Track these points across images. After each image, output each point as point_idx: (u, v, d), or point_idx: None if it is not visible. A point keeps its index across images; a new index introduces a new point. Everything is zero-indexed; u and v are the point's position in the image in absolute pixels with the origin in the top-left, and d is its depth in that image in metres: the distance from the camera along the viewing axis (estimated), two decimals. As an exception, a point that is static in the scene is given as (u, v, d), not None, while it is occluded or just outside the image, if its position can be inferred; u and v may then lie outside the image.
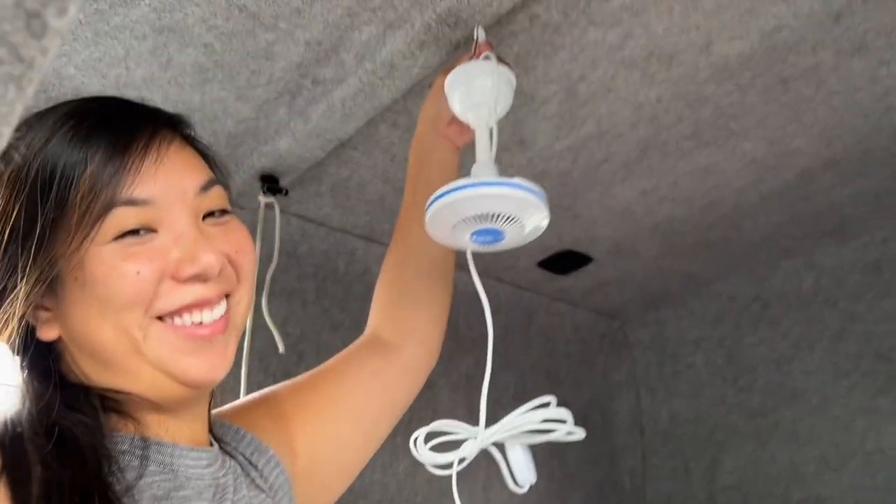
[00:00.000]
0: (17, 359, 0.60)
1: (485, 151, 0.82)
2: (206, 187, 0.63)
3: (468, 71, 0.85)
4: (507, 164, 1.34)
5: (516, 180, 0.72)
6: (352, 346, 0.92)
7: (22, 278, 0.57)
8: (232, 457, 0.70)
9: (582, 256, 1.72)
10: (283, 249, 1.50)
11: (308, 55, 1.04)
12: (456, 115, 0.89)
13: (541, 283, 1.85)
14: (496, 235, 0.77)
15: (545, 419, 0.85)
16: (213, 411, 0.76)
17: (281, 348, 1.26)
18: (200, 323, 0.62)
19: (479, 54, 0.87)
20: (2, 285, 0.58)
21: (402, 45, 0.98)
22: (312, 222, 1.51)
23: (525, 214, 0.74)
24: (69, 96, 0.67)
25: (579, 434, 0.84)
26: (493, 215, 0.73)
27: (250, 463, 0.73)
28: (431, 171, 0.96)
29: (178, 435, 0.64)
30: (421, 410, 1.77)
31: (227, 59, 1.04)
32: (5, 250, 0.58)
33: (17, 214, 0.58)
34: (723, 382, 1.86)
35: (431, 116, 0.97)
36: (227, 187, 0.68)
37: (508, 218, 0.74)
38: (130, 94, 1.10)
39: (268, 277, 1.28)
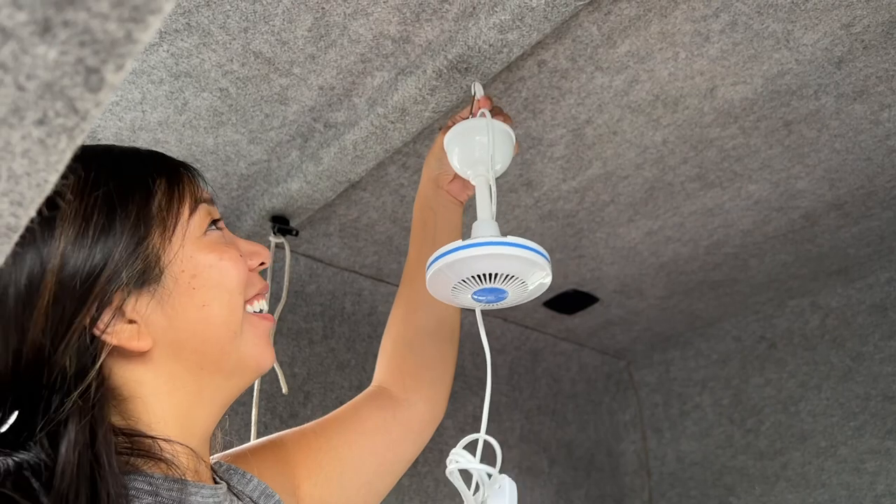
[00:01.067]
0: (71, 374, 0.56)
1: (485, 208, 0.82)
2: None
3: (466, 129, 0.86)
4: (514, 205, 1.36)
5: (514, 239, 0.72)
6: (359, 397, 0.93)
7: (114, 275, 0.58)
8: (238, 499, 0.70)
9: (588, 296, 1.72)
10: (291, 289, 1.51)
11: (321, 99, 1.06)
12: (454, 170, 0.91)
13: (547, 322, 1.86)
14: (498, 294, 0.76)
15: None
16: (218, 455, 0.76)
17: (284, 389, 1.26)
18: (263, 311, 0.70)
19: (477, 111, 0.89)
20: (75, 293, 0.57)
21: (413, 91, 1.00)
22: (321, 262, 1.53)
23: (526, 273, 0.73)
24: (86, 139, 0.69)
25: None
26: (493, 275, 0.73)
27: None
28: (435, 229, 0.97)
29: (189, 473, 0.64)
30: (427, 452, 1.76)
31: (241, 103, 1.06)
32: (102, 266, 0.58)
33: (100, 212, 0.59)
34: (730, 424, 1.85)
35: (433, 174, 0.99)
36: None
37: (509, 277, 0.73)
38: (145, 136, 1.12)
39: (275, 317, 1.29)
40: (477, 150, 0.86)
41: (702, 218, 1.42)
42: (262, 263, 0.71)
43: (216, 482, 0.68)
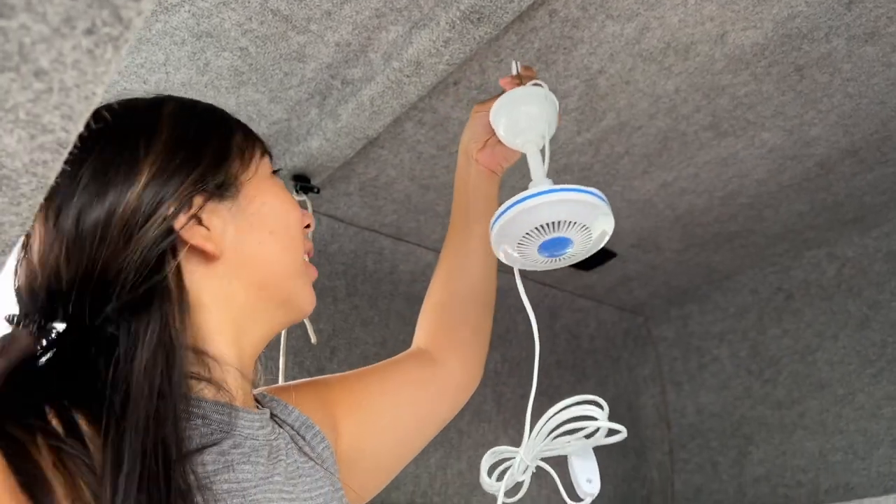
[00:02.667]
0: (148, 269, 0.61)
1: (538, 170, 0.83)
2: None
3: (512, 98, 0.88)
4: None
5: (580, 186, 0.73)
6: (400, 355, 0.97)
7: (195, 182, 0.65)
8: (280, 427, 0.74)
9: (605, 252, 1.74)
10: (314, 248, 1.54)
11: (338, 56, 1.08)
12: (501, 140, 0.92)
13: (565, 279, 1.88)
14: (564, 244, 0.76)
15: (572, 417, 0.82)
16: (262, 388, 0.81)
17: (314, 339, 1.30)
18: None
19: (526, 82, 0.90)
20: (162, 192, 0.63)
21: (427, 44, 1.02)
22: (342, 222, 1.56)
23: (592, 220, 0.74)
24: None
25: (621, 433, 0.82)
26: (561, 223, 0.73)
27: (298, 434, 0.76)
28: (468, 198, 1.01)
29: (236, 397, 0.67)
30: (450, 406, 1.81)
31: (260, 62, 1.09)
32: (179, 157, 0.65)
33: (194, 130, 0.67)
34: (748, 375, 1.87)
35: (465, 145, 1.02)
36: None
37: (576, 225, 0.73)
38: (170, 98, 1.16)
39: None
40: (524, 119, 0.88)
41: (716, 168, 1.43)
42: (308, 226, 0.77)
43: (259, 409, 0.72)
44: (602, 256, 1.77)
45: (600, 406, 0.81)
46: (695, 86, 1.19)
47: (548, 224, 0.73)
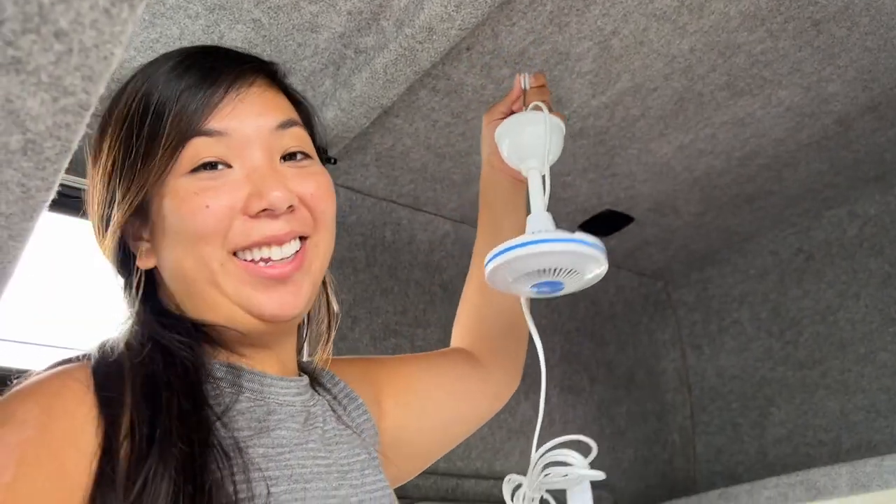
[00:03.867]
0: (120, 282, 0.67)
1: (538, 201, 0.83)
2: (284, 125, 0.67)
3: (517, 122, 0.88)
4: (544, 125, 1.38)
5: (574, 235, 0.73)
6: (446, 349, 0.99)
7: (117, 204, 0.64)
8: (319, 394, 0.75)
9: (623, 216, 1.74)
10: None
11: (350, 24, 1.09)
12: (506, 162, 0.92)
13: (583, 245, 1.89)
14: (556, 286, 0.79)
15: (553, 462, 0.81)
16: (313, 358, 0.81)
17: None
18: (269, 259, 0.64)
19: (528, 103, 0.90)
20: (106, 213, 0.66)
21: (439, 9, 1.02)
22: (360, 193, 1.57)
23: (583, 267, 0.76)
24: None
25: (597, 476, 0.81)
26: (552, 269, 0.75)
27: (339, 403, 0.77)
28: (496, 209, 1.00)
29: (267, 365, 0.68)
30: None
31: (274, 34, 1.09)
32: (109, 182, 0.65)
33: (119, 148, 0.64)
34: (769, 337, 1.87)
35: (486, 155, 1.01)
36: (314, 135, 0.73)
37: (567, 271, 0.75)
38: (185, 72, 1.17)
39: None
40: (528, 143, 0.87)
41: (733, 128, 1.42)
42: (266, 210, 0.63)
43: (300, 375, 0.74)
44: (620, 221, 1.76)
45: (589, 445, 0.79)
46: (710, 44, 1.18)
47: (540, 270, 0.75)
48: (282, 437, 0.64)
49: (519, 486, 0.81)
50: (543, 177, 0.87)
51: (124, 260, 0.68)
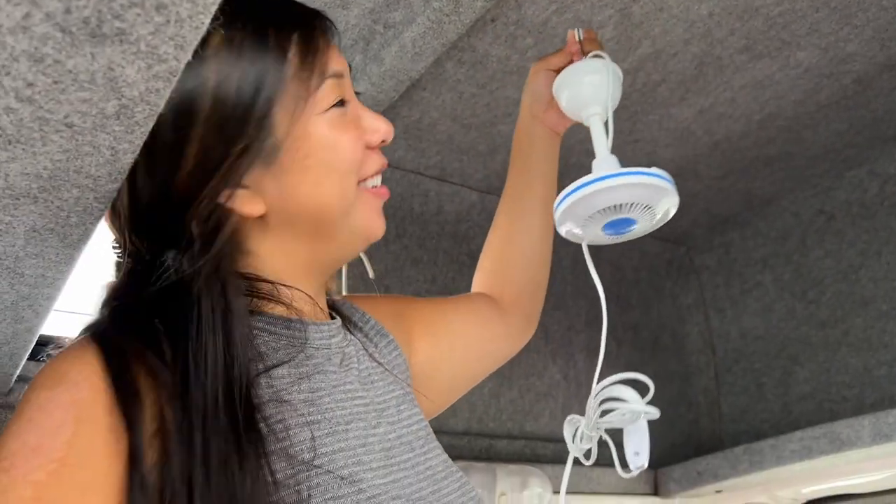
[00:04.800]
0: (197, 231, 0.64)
1: (602, 146, 0.85)
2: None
3: (575, 71, 0.90)
4: (567, 93, 1.42)
5: (645, 169, 0.75)
6: (470, 293, 1.04)
7: (238, 151, 0.63)
8: (351, 333, 0.79)
9: (645, 182, 1.78)
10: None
11: (379, 0, 1.13)
12: (565, 113, 0.94)
13: (606, 212, 1.93)
14: (628, 224, 0.81)
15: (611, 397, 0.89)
16: (345, 295, 0.86)
17: (371, 273, 1.37)
18: (376, 186, 0.73)
19: (587, 52, 0.92)
20: (219, 155, 0.63)
21: (465, -19, 1.06)
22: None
23: (656, 201, 0.77)
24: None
25: (652, 413, 0.86)
26: (625, 205, 0.76)
27: (370, 341, 0.81)
28: (531, 158, 1.04)
29: (305, 311, 0.71)
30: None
31: (306, 11, 1.14)
32: (224, 125, 0.63)
33: (236, 89, 0.62)
34: (791, 297, 1.90)
35: (528, 103, 1.04)
36: None
37: (640, 206, 0.77)
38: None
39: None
40: (587, 91, 0.88)
41: (753, 91, 1.45)
42: (384, 141, 0.72)
43: (332, 318, 0.78)
44: (642, 187, 1.80)
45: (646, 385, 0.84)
46: (728, 8, 1.21)
47: (613, 206, 0.76)
48: (320, 380, 0.67)
49: (579, 428, 0.86)
50: (606, 123, 0.89)
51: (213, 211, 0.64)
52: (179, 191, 0.64)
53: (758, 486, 1.80)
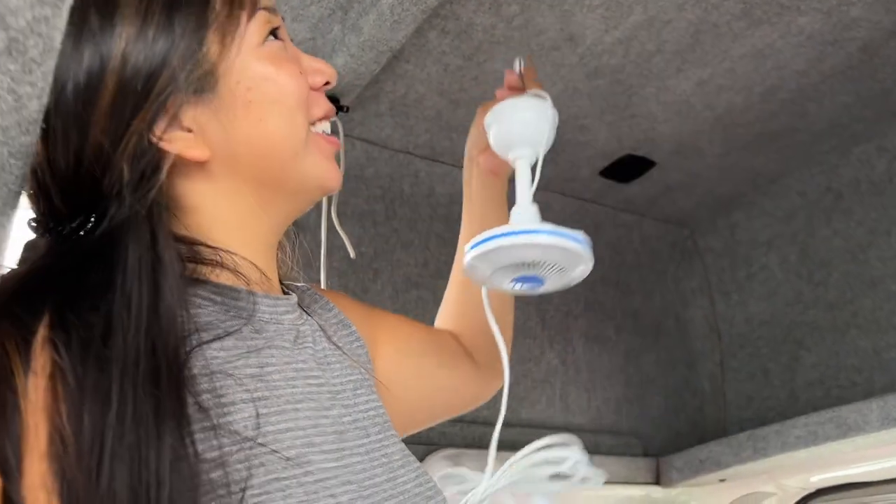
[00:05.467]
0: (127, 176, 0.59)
1: (525, 193, 0.79)
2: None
3: (511, 105, 0.84)
4: (558, 65, 1.36)
5: (561, 229, 0.70)
6: (443, 329, 0.97)
7: (174, 81, 0.58)
8: (310, 315, 0.75)
9: (644, 161, 1.72)
10: (350, 173, 1.56)
11: (354, -36, 1.08)
12: (493, 149, 0.87)
13: (605, 193, 1.87)
14: (536, 282, 0.75)
15: (544, 461, 0.80)
16: (310, 285, 0.81)
17: (352, 254, 1.33)
18: (331, 135, 0.69)
19: (526, 88, 0.86)
20: (143, 85, 0.58)
21: (442, -59, 1.01)
22: (376, 145, 1.57)
23: (569, 262, 0.72)
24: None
25: (595, 478, 0.79)
26: (535, 263, 0.71)
27: (330, 327, 0.76)
28: (475, 205, 0.97)
29: (255, 285, 0.66)
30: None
31: (279, -23, 1.09)
32: (149, 54, 0.58)
33: (167, 32, 0.59)
34: (798, 279, 1.84)
35: (468, 145, 1.00)
36: None
37: (551, 266, 0.72)
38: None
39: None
40: (517, 129, 0.82)
41: (753, 61, 1.38)
42: (328, 83, 0.67)
43: (287, 294, 0.73)
44: (641, 166, 1.74)
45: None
46: (723, -31, 1.15)
47: (521, 263, 0.72)
48: (270, 355, 0.63)
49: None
50: (534, 167, 0.83)
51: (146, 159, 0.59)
52: (102, 126, 0.58)
53: (763, 475, 1.74)
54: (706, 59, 1.37)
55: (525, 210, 0.78)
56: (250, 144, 0.63)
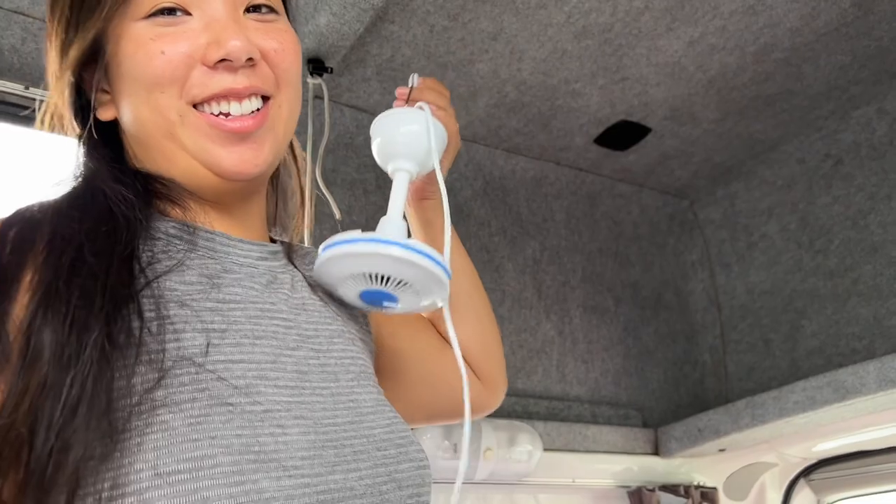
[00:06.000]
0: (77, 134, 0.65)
1: (397, 206, 0.74)
2: None
3: (395, 116, 0.79)
4: (545, 24, 1.34)
5: (419, 245, 0.65)
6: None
7: (72, 46, 0.63)
8: (300, 271, 0.72)
9: (639, 127, 1.70)
10: (340, 142, 1.56)
11: (331, -83, 1.07)
12: (375, 158, 0.81)
13: (601, 162, 1.85)
14: (389, 299, 0.70)
15: None
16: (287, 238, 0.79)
17: (337, 215, 1.32)
18: (228, 114, 0.62)
19: (413, 102, 0.81)
20: (63, 60, 0.64)
21: None
22: (365, 112, 1.56)
23: (422, 283, 0.67)
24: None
25: None
26: (387, 279, 0.67)
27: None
28: (415, 231, 0.89)
29: (228, 228, 0.66)
30: (490, 293, 1.81)
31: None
32: (67, 27, 0.64)
33: None
34: (798, 248, 1.81)
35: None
36: None
37: (403, 284, 0.67)
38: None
39: (321, 150, 1.35)
40: (401, 140, 0.78)
41: (744, 18, 1.36)
42: (227, 60, 0.61)
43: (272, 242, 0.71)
44: (636, 132, 1.72)
45: None
46: (708, -82, 1.13)
47: (373, 276, 0.67)
48: (234, 293, 0.62)
49: None
50: (412, 183, 0.78)
51: (82, 111, 0.66)
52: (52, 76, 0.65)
53: (763, 444, 1.72)
54: (696, 17, 1.35)
55: (391, 222, 0.72)
56: (125, 118, 0.65)
